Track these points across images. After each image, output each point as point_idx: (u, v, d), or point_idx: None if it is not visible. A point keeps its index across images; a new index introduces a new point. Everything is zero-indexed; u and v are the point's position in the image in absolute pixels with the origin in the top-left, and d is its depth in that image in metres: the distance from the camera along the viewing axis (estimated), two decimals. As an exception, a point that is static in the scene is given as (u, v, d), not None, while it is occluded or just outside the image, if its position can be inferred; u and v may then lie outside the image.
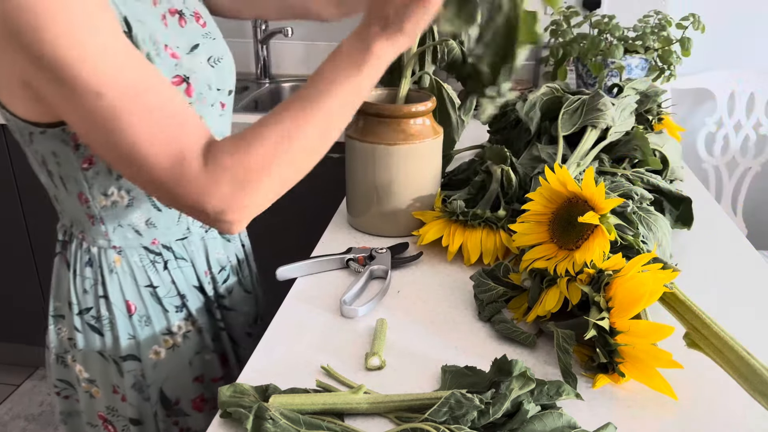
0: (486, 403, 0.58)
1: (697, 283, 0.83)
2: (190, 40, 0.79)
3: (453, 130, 1.11)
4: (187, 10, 0.81)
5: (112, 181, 0.77)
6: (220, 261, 0.92)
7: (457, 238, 0.92)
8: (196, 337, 0.90)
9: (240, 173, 0.63)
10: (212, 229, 0.90)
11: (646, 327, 0.65)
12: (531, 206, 0.79)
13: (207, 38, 0.82)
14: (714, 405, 0.65)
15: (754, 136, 2.12)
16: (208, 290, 0.90)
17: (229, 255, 0.95)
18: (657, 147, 1.06)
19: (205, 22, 0.84)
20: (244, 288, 0.99)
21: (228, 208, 0.64)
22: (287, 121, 0.65)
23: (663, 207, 0.97)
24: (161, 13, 0.75)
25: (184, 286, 0.87)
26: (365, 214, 1.01)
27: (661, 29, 1.54)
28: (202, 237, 0.89)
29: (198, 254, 0.88)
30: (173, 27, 0.77)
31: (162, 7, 0.76)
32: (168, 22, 0.76)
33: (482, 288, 0.81)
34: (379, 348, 0.72)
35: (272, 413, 0.58)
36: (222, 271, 0.93)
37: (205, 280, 0.90)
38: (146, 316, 0.84)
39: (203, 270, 0.89)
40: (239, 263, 0.98)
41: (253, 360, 0.72)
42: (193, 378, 0.91)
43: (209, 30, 0.84)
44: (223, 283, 0.93)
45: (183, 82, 0.74)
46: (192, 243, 0.87)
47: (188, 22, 0.80)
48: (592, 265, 0.71)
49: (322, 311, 0.82)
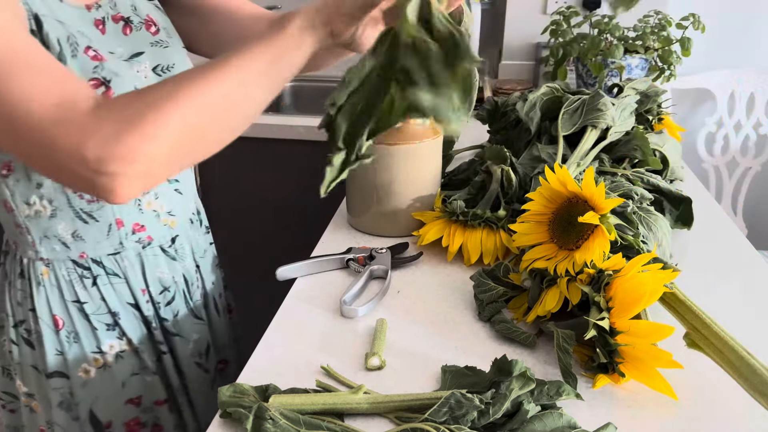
0: (486, 403, 0.58)
1: (697, 283, 0.83)
2: (134, 48, 0.78)
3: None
4: (137, 17, 0.81)
5: (32, 189, 0.75)
6: (162, 281, 0.87)
7: (457, 238, 0.92)
8: (132, 357, 0.86)
9: (132, 110, 0.56)
10: (151, 245, 0.85)
11: (646, 327, 0.65)
12: (531, 206, 0.79)
13: (157, 46, 0.81)
14: (714, 405, 0.65)
15: (754, 136, 2.12)
16: (145, 309, 0.86)
17: (176, 275, 0.89)
18: (657, 147, 1.06)
19: (159, 29, 0.83)
20: (194, 313, 0.93)
21: (110, 153, 0.54)
22: (190, 75, 0.59)
23: (663, 207, 0.97)
24: (95, 18, 0.75)
25: (116, 304, 0.83)
26: (365, 214, 1.01)
27: (661, 29, 1.54)
28: (138, 253, 0.84)
29: (133, 270, 0.84)
30: (113, 33, 0.77)
31: (99, 13, 0.76)
32: (107, 28, 0.76)
33: (482, 288, 0.81)
34: (379, 348, 0.72)
35: (272, 413, 0.58)
36: (165, 291, 0.88)
37: (142, 299, 0.85)
38: (74, 332, 0.81)
39: (140, 288, 0.85)
40: (188, 285, 0.92)
41: (253, 360, 0.72)
42: (127, 400, 0.87)
43: (162, 38, 0.83)
44: (167, 305, 0.89)
45: (101, 85, 0.71)
46: (126, 258, 0.83)
47: (135, 30, 0.80)
48: (592, 265, 0.71)
49: (322, 311, 0.82)
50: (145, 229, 0.84)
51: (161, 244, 0.87)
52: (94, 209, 0.78)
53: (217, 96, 0.59)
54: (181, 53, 0.86)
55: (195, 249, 0.93)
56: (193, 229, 0.94)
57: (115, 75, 0.72)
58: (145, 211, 0.83)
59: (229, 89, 0.60)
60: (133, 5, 0.82)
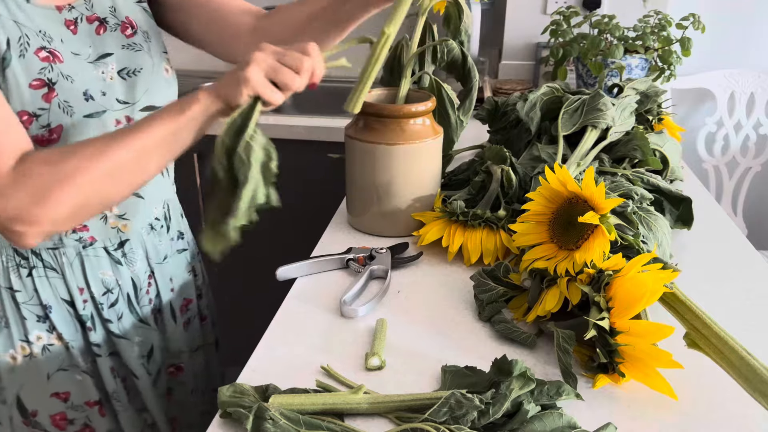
0: (486, 403, 0.58)
1: (697, 283, 0.83)
2: (103, 49, 0.80)
3: (452, 130, 1.11)
4: (114, 19, 0.82)
5: None
6: (105, 282, 0.87)
7: (457, 238, 0.92)
8: (62, 352, 0.86)
9: (42, 183, 0.65)
10: (93, 246, 0.85)
11: (646, 327, 0.65)
12: (531, 206, 0.79)
13: (128, 49, 0.83)
14: (714, 405, 0.65)
15: (754, 135, 2.12)
16: (80, 308, 0.86)
17: (120, 278, 0.89)
18: (657, 147, 1.06)
19: (135, 32, 0.85)
20: (140, 318, 0.93)
21: (20, 217, 0.65)
22: (102, 143, 0.68)
23: (663, 207, 0.97)
24: (66, 19, 0.77)
25: (49, 297, 0.84)
26: (365, 214, 1.01)
27: (661, 29, 1.54)
28: (79, 252, 0.84)
29: (71, 269, 0.84)
30: (85, 34, 0.78)
31: (72, 14, 0.78)
32: (79, 29, 0.78)
33: (482, 288, 0.81)
34: (379, 348, 0.72)
35: (272, 413, 0.58)
36: (108, 293, 0.88)
37: (78, 297, 0.85)
38: (4, 317, 0.83)
39: (77, 286, 0.85)
40: (136, 290, 0.91)
41: (253, 360, 0.72)
42: (52, 393, 0.87)
43: (136, 42, 0.84)
44: (110, 306, 0.88)
45: (44, 86, 0.73)
46: (65, 255, 0.83)
47: (109, 30, 0.81)
48: (592, 265, 0.71)
49: (322, 311, 0.82)
50: (88, 230, 0.84)
51: (106, 246, 0.86)
52: None
53: (117, 168, 0.68)
54: (156, 58, 0.87)
55: (151, 254, 0.93)
56: (154, 235, 0.93)
57: (65, 78, 0.74)
58: None
59: (128, 160, 0.68)
60: (113, 6, 0.83)
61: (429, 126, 0.97)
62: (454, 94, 1.10)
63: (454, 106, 1.10)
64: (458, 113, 1.10)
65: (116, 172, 0.68)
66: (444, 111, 1.09)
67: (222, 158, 0.66)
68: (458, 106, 1.10)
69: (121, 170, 0.68)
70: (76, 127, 0.76)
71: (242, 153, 0.65)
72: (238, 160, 0.65)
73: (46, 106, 0.73)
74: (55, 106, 0.74)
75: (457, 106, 1.10)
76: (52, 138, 0.74)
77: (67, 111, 0.75)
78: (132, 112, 0.83)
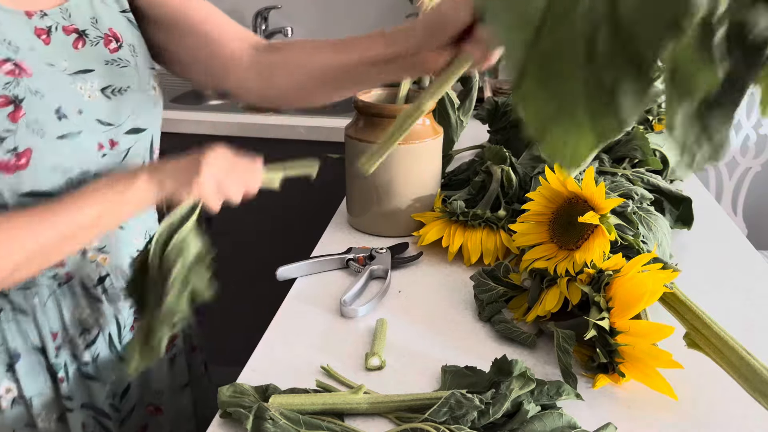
0: (486, 403, 0.58)
1: (697, 283, 0.83)
2: (82, 64, 0.70)
3: (452, 130, 1.11)
4: (95, 31, 0.73)
5: None
6: (83, 322, 0.77)
7: (457, 238, 0.92)
8: (24, 411, 0.75)
9: None
10: (70, 284, 0.75)
11: (646, 327, 0.65)
12: (531, 206, 0.79)
13: (112, 65, 0.73)
14: (714, 405, 0.65)
15: (754, 135, 2.12)
16: (52, 355, 0.75)
17: (101, 317, 0.79)
18: (657, 147, 1.06)
19: (121, 46, 0.75)
20: (119, 355, 0.82)
21: None
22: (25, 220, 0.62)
23: (663, 207, 0.97)
24: (37, 27, 0.67)
25: (18, 345, 0.73)
26: (365, 214, 1.01)
27: (661, 29, 1.54)
28: (54, 291, 0.74)
29: (45, 311, 0.73)
30: (60, 45, 0.69)
31: (44, 22, 0.68)
32: (52, 38, 0.68)
33: (482, 288, 0.81)
34: (379, 348, 0.72)
35: (272, 413, 0.58)
36: (85, 333, 0.77)
37: (50, 345, 0.74)
38: None
39: (50, 332, 0.74)
40: (119, 329, 0.81)
41: (253, 360, 0.72)
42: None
43: (121, 57, 0.74)
44: (87, 347, 0.78)
45: (10, 104, 0.63)
46: (37, 295, 0.73)
47: (89, 45, 0.72)
48: (592, 265, 0.71)
49: (322, 311, 0.82)
50: (64, 266, 0.74)
51: (84, 282, 0.76)
52: None
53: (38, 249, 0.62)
54: (144, 75, 0.77)
55: None
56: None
57: (33, 93, 0.65)
58: None
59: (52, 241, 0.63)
60: (94, 17, 0.74)
61: (429, 126, 0.97)
62: (454, 94, 1.10)
63: (454, 106, 1.10)
64: (458, 113, 1.10)
65: (36, 253, 0.62)
66: (444, 111, 1.09)
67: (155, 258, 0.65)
68: (458, 106, 1.10)
69: (42, 251, 0.63)
70: (47, 150, 0.67)
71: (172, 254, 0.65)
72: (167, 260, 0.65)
73: (12, 127, 0.64)
74: (23, 126, 0.64)
75: (457, 106, 1.10)
76: (20, 164, 0.65)
77: (38, 132, 0.66)
78: (116, 135, 0.74)
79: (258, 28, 2.05)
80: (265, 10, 2.02)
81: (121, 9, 0.77)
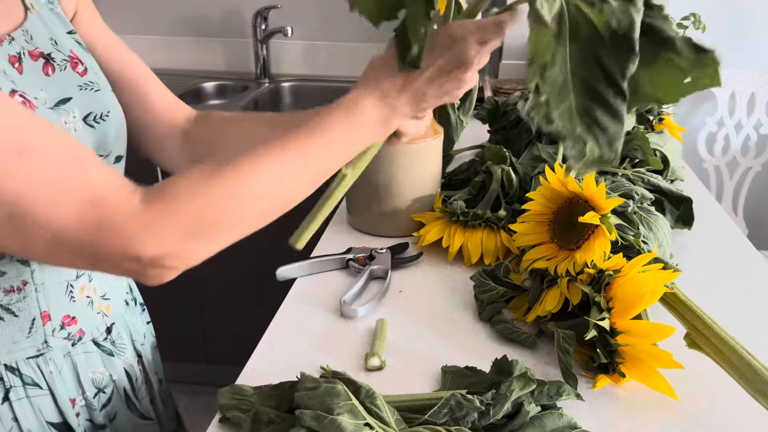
0: (486, 404, 0.58)
1: (698, 283, 0.83)
2: (59, 92, 0.63)
3: (452, 130, 1.11)
4: (59, 54, 0.65)
5: None
6: (96, 381, 0.70)
7: (457, 238, 0.92)
8: None
9: (194, 214, 0.52)
10: (82, 341, 0.69)
11: (646, 327, 0.65)
12: (531, 206, 0.79)
13: (86, 90, 0.65)
14: (714, 405, 0.65)
15: (754, 135, 2.12)
16: (75, 425, 0.68)
17: (114, 372, 0.73)
18: (658, 147, 1.06)
19: (87, 69, 0.67)
20: (140, 413, 0.76)
21: (170, 254, 0.52)
22: (264, 155, 0.56)
23: (663, 207, 0.97)
24: (10, 54, 0.59)
25: (33, 425, 0.65)
26: (365, 214, 1.01)
27: (662, 29, 1.53)
28: (68, 352, 0.67)
29: (60, 377, 0.66)
30: (32, 73, 0.61)
31: (13, 47, 0.60)
32: (24, 66, 0.60)
33: (482, 288, 0.81)
34: (379, 348, 0.72)
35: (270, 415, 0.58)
36: (100, 393, 0.71)
37: (70, 413, 0.68)
38: None
39: (68, 398, 0.67)
40: (132, 382, 0.75)
41: (253, 360, 0.72)
42: None
43: (91, 80, 0.67)
44: (102, 408, 0.71)
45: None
46: (51, 361, 0.65)
47: (58, 70, 0.64)
48: (592, 265, 0.71)
49: (322, 311, 0.82)
50: (76, 322, 0.68)
51: (94, 337, 0.70)
52: (14, 301, 0.62)
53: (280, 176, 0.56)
54: (113, 97, 0.70)
55: (134, 336, 0.77)
56: (129, 312, 0.77)
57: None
58: (77, 299, 0.67)
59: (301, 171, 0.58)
60: (53, 39, 0.65)
61: (429, 126, 0.97)
62: (455, 94, 1.10)
63: (454, 106, 1.10)
64: (458, 113, 1.10)
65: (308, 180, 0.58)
66: (444, 111, 1.09)
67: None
68: (458, 106, 1.10)
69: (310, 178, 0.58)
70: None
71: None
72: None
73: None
74: None
75: (457, 106, 1.10)
76: None
77: None
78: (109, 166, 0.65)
79: (258, 27, 2.05)
80: (265, 9, 2.02)
81: (67, 30, 0.69)
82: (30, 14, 0.63)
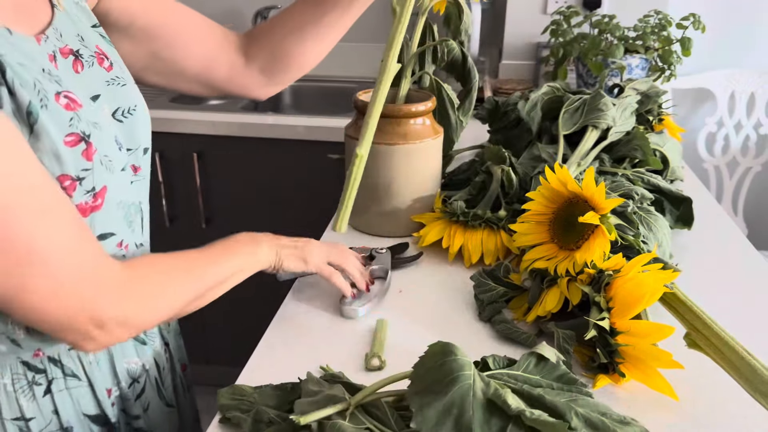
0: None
1: (698, 283, 0.83)
2: (90, 89, 0.63)
3: (452, 130, 1.11)
4: (86, 50, 0.65)
5: None
6: (131, 372, 0.73)
7: (457, 239, 0.92)
8: None
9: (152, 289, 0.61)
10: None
11: (646, 327, 0.65)
12: (531, 206, 0.79)
13: (113, 85, 0.67)
14: (714, 405, 0.65)
15: (754, 135, 2.12)
16: (111, 416, 0.70)
17: (146, 362, 0.75)
18: (657, 147, 1.06)
19: (112, 64, 0.68)
20: (166, 401, 0.79)
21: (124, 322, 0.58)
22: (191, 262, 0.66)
23: (663, 207, 0.97)
24: (48, 53, 0.59)
25: (71, 417, 0.67)
26: (365, 214, 1.01)
27: (662, 29, 1.54)
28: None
29: (99, 368, 0.69)
30: (65, 70, 0.61)
31: (48, 46, 0.60)
32: (59, 64, 0.60)
33: (482, 288, 0.81)
34: (379, 348, 0.72)
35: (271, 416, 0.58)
36: (134, 383, 0.73)
37: (107, 403, 0.70)
38: None
39: (105, 388, 0.69)
40: (160, 370, 0.78)
41: (252, 360, 0.72)
42: None
43: (117, 75, 0.68)
44: (137, 398, 0.73)
45: (81, 141, 0.58)
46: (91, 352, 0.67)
47: (87, 66, 0.64)
48: (592, 265, 0.71)
49: (322, 311, 0.82)
50: None
51: None
52: None
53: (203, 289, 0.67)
54: (137, 91, 0.72)
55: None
56: None
57: (93, 126, 0.60)
58: None
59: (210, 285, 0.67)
60: (80, 35, 0.65)
61: (429, 126, 0.97)
62: (454, 94, 1.10)
63: (454, 106, 1.10)
64: (458, 113, 1.10)
65: (201, 293, 0.66)
66: (444, 111, 1.09)
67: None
68: (458, 106, 1.10)
69: (205, 293, 0.67)
70: (116, 186, 0.64)
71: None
72: None
73: (89, 166, 0.59)
74: (97, 163, 0.60)
75: (457, 106, 1.10)
76: (96, 204, 0.61)
77: (109, 167, 0.62)
78: (136, 160, 0.69)
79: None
80: (265, 9, 2.02)
81: (92, 24, 0.69)
82: (57, 11, 0.64)
